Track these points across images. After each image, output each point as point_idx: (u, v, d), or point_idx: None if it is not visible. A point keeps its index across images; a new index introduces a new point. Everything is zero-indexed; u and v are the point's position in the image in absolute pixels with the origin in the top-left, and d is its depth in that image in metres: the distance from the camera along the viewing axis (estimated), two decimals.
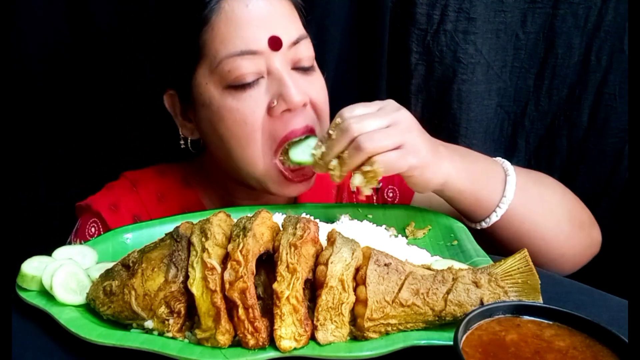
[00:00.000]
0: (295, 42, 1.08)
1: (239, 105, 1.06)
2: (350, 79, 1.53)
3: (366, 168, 0.90)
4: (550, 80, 1.46)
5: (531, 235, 1.06)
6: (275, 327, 0.69)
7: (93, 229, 1.17)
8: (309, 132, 1.08)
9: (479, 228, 1.06)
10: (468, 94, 1.45)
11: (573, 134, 1.48)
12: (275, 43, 1.05)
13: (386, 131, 0.92)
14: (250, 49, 1.04)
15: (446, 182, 0.99)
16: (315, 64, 1.14)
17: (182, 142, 1.21)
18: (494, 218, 1.03)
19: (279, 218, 0.85)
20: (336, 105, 1.42)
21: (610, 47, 1.40)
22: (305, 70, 1.10)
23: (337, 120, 0.95)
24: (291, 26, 1.09)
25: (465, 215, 1.06)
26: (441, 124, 1.48)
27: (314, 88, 1.11)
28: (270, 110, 1.06)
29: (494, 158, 1.10)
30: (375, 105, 0.97)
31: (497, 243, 1.08)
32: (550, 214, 1.08)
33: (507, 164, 1.07)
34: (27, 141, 1.48)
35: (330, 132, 0.95)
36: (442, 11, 1.41)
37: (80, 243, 1.12)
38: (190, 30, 1.07)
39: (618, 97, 1.42)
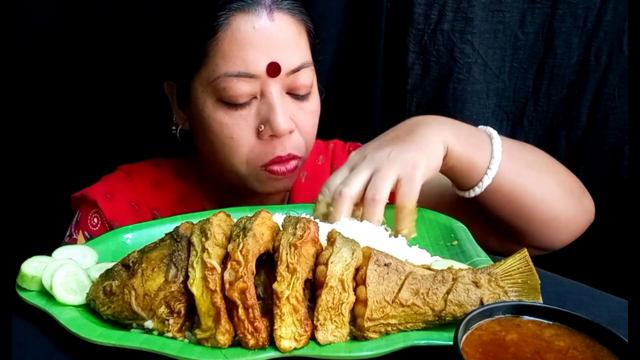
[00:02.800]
0: (295, 70, 1.09)
1: (228, 121, 1.09)
2: (347, 78, 1.53)
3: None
4: (549, 81, 1.46)
5: (523, 198, 1.06)
6: (275, 327, 0.69)
7: (96, 219, 1.18)
8: (292, 159, 1.12)
9: (472, 195, 1.05)
10: (463, 93, 1.46)
11: (572, 134, 1.48)
12: (273, 70, 1.06)
13: (379, 175, 0.92)
14: (248, 71, 1.06)
15: (447, 148, 0.99)
16: (313, 89, 1.14)
17: (173, 127, 1.23)
18: (486, 181, 1.03)
19: (279, 218, 0.84)
20: (334, 105, 1.42)
21: (609, 47, 1.41)
22: (299, 97, 1.12)
23: (323, 202, 0.96)
24: (294, 53, 1.09)
25: (460, 182, 1.06)
26: None
27: (303, 115, 1.13)
28: (258, 133, 1.09)
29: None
30: (343, 168, 0.97)
31: (490, 213, 1.08)
32: (539, 177, 1.09)
33: (489, 129, 1.06)
34: (26, 141, 1.48)
35: (331, 209, 0.94)
36: (440, 11, 1.41)
37: (84, 236, 1.13)
38: (197, 37, 1.08)
39: (617, 97, 1.42)
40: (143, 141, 1.46)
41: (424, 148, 0.96)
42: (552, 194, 1.09)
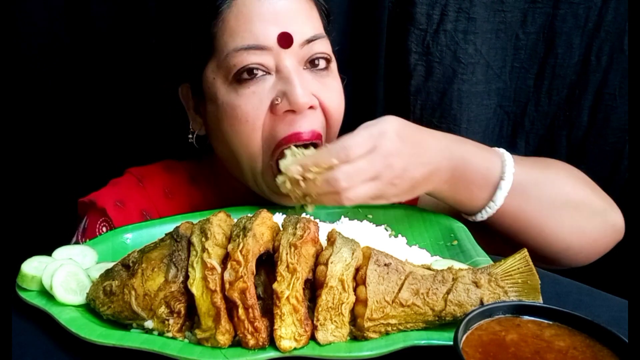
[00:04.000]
0: (310, 41, 1.04)
1: (241, 102, 1.02)
2: (349, 79, 1.53)
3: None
4: (550, 81, 1.46)
5: (527, 231, 1.06)
6: (275, 327, 0.69)
7: (105, 229, 1.11)
8: (316, 138, 1.04)
9: (471, 220, 1.06)
10: (468, 94, 1.45)
11: (573, 134, 1.47)
12: (284, 40, 1.01)
13: (372, 185, 0.92)
14: (258, 44, 1.01)
15: (431, 192, 1.01)
16: (333, 67, 1.10)
17: (190, 136, 1.17)
18: (479, 218, 1.04)
19: (279, 218, 0.85)
20: None
21: (610, 47, 1.40)
22: (319, 70, 1.06)
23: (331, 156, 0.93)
24: (307, 24, 1.05)
25: (457, 211, 1.07)
26: (440, 124, 1.48)
27: (326, 90, 1.06)
28: (273, 108, 1.02)
29: (496, 150, 1.07)
30: (372, 139, 0.94)
31: (496, 234, 1.08)
32: (550, 210, 1.06)
33: (507, 164, 1.03)
34: (28, 140, 1.48)
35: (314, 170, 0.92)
36: (442, 11, 1.41)
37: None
38: (202, 22, 1.04)
39: (618, 97, 1.41)
40: (149, 141, 1.45)
41: (412, 191, 0.97)
42: (563, 226, 1.07)
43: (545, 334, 0.61)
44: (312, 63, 1.05)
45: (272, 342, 0.70)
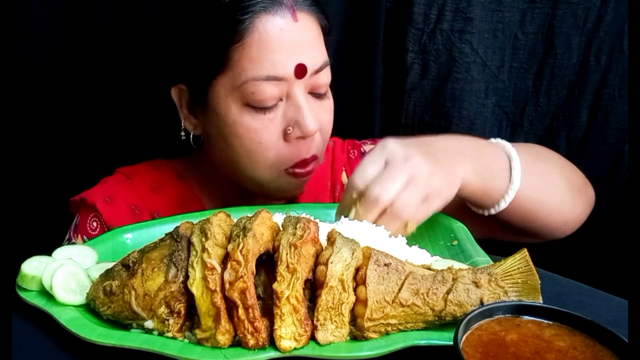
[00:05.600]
0: (318, 70, 1.08)
1: (256, 125, 1.07)
2: (346, 77, 1.53)
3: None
4: (550, 81, 1.46)
5: (538, 213, 1.08)
6: (275, 327, 0.69)
7: (95, 223, 1.16)
8: (313, 160, 1.11)
9: (487, 214, 1.06)
10: (462, 92, 1.46)
11: (572, 135, 1.48)
12: (301, 71, 1.05)
13: (414, 190, 0.91)
14: (277, 74, 1.04)
15: (460, 188, 0.99)
16: (327, 88, 1.14)
17: (182, 134, 1.20)
18: (502, 205, 1.04)
19: (279, 218, 0.84)
20: (333, 104, 1.42)
21: (609, 47, 1.41)
22: (319, 96, 1.11)
23: (353, 193, 0.93)
24: (318, 53, 1.09)
25: (474, 206, 1.07)
26: (433, 121, 1.49)
27: (324, 114, 1.12)
28: (285, 135, 1.08)
29: (493, 141, 1.09)
30: (380, 158, 0.94)
31: (505, 225, 1.10)
32: (553, 188, 1.10)
33: (508, 147, 1.06)
34: (26, 141, 1.48)
35: (357, 207, 0.93)
36: (440, 11, 1.41)
37: (83, 241, 1.13)
38: (221, 42, 1.05)
39: (617, 98, 1.42)
40: (142, 143, 1.46)
41: (450, 180, 0.96)
42: (564, 201, 1.11)
43: (545, 334, 0.61)
44: (315, 90, 1.10)
45: (272, 342, 0.70)
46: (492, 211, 1.05)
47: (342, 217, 0.92)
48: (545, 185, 1.09)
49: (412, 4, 1.41)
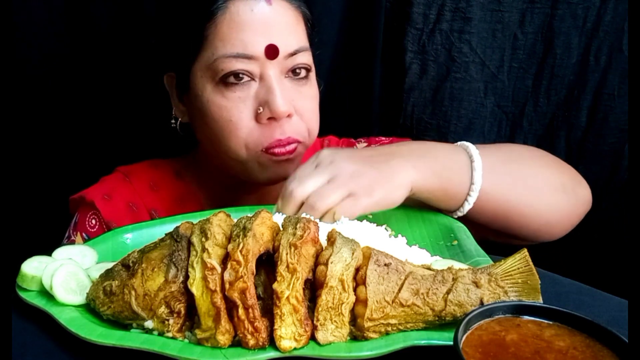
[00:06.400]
0: (293, 53, 1.10)
1: (226, 104, 1.09)
2: (345, 77, 1.53)
3: (328, 221, 0.92)
4: (549, 81, 1.46)
5: (509, 214, 1.07)
6: (275, 327, 0.69)
7: (94, 221, 1.18)
8: (294, 143, 1.11)
9: (456, 216, 1.06)
10: (460, 92, 1.46)
11: (572, 135, 1.48)
12: (271, 52, 1.07)
13: (332, 186, 0.94)
14: (246, 53, 1.07)
15: (413, 188, 0.99)
16: (311, 76, 1.15)
17: (172, 121, 1.24)
18: (467, 207, 1.04)
19: (279, 218, 0.85)
20: (332, 104, 1.42)
21: (609, 47, 1.41)
22: (299, 79, 1.12)
23: (283, 191, 0.97)
24: (292, 37, 1.10)
25: (439, 208, 1.07)
26: (431, 121, 1.49)
27: (302, 98, 1.13)
28: (257, 116, 1.10)
29: (456, 144, 1.09)
30: (312, 164, 0.98)
31: (478, 226, 1.08)
32: (525, 189, 1.09)
33: (471, 148, 1.06)
34: (26, 141, 1.48)
35: (278, 202, 0.97)
36: (439, 11, 1.42)
37: (82, 238, 1.13)
38: (195, 22, 1.09)
39: (617, 97, 1.42)
40: (143, 143, 1.46)
41: (388, 182, 0.96)
42: (540, 203, 1.10)
43: (545, 334, 0.61)
44: (293, 72, 1.12)
45: (272, 342, 0.70)
46: (459, 213, 1.05)
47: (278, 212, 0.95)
48: (515, 186, 1.08)
49: (412, 4, 1.41)
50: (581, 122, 1.45)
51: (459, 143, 1.09)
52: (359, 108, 1.55)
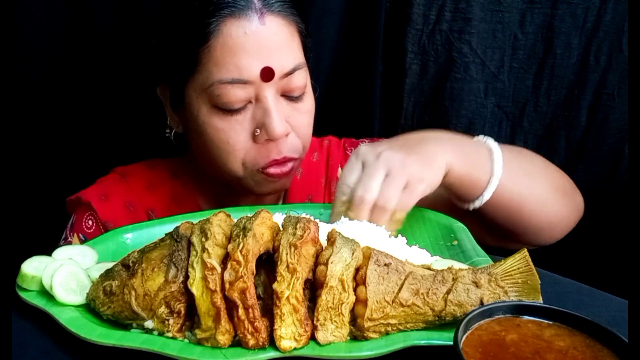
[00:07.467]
0: (289, 74, 1.08)
1: (224, 126, 1.08)
2: (345, 77, 1.53)
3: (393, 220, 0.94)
4: (549, 81, 1.46)
5: (521, 208, 1.08)
6: (275, 327, 0.69)
7: (90, 222, 1.18)
8: (289, 161, 1.12)
9: (471, 209, 1.06)
10: (461, 92, 1.46)
11: (572, 135, 1.48)
12: (267, 75, 1.05)
13: (393, 181, 0.94)
14: (242, 78, 1.05)
15: (447, 173, 1.00)
16: (307, 89, 1.14)
17: (167, 131, 1.23)
18: (486, 196, 1.04)
19: (279, 218, 0.84)
20: (333, 104, 1.42)
21: (609, 47, 1.41)
22: (294, 98, 1.11)
23: (342, 199, 0.97)
24: (287, 56, 1.09)
25: (460, 196, 1.07)
26: (432, 121, 1.50)
27: (298, 116, 1.12)
28: (254, 137, 1.09)
29: (474, 138, 1.10)
30: (357, 163, 0.98)
31: (488, 222, 1.10)
32: (536, 186, 1.10)
33: (489, 141, 1.07)
34: (26, 141, 1.48)
35: (348, 213, 0.96)
36: (439, 11, 1.42)
37: (79, 239, 1.13)
38: (189, 44, 1.07)
39: (617, 97, 1.42)
40: (140, 143, 1.46)
41: (430, 164, 0.97)
42: (547, 200, 1.12)
43: (545, 334, 0.61)
44: (288, 93, 1.10)
45: (272, 342, 0.70)
46: (477, 203, 1.05)
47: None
48: (528, 181, 1.10)
49: (411, 5, 1.41)
50: (581, 122, 1.46)
51: (475, 138, 1.10)
52: (359, 108, 1.55)
